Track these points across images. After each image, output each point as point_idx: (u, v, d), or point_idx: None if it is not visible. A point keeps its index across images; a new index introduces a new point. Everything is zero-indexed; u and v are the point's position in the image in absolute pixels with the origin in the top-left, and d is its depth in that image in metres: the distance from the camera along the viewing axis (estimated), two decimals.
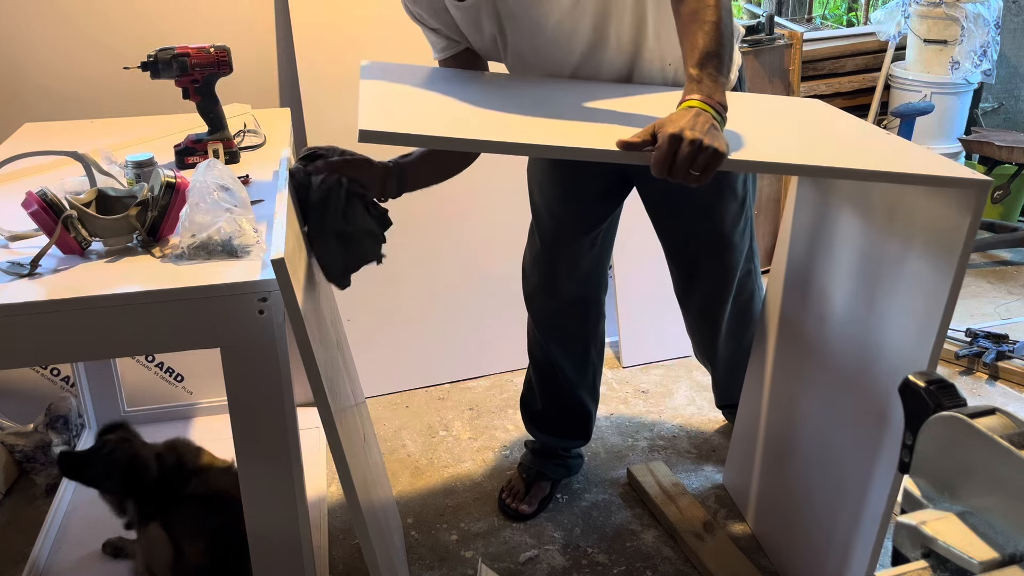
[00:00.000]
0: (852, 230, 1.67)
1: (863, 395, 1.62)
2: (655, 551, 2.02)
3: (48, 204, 1.26)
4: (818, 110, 1.79)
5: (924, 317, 1.44)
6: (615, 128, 1.35)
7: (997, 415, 0.74)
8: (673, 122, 1.26)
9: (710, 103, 1.29)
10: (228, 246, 1.27)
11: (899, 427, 1.49)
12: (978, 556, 0.70)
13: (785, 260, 1.90)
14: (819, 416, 1.78)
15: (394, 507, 2.10)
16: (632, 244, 2.77)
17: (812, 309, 1.80)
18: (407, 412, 2.59)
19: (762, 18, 3.28)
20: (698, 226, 1.89)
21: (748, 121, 1.55)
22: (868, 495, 1.60)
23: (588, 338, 2.09)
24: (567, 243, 1.95)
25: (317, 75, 2.39)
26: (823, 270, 1.77)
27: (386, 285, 2.58)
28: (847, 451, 1.67)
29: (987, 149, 3.36)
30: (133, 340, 1.24)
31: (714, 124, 1.27)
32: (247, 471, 1.29)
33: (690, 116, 1.26)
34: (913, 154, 1.51)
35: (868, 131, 1.66)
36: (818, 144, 1.57)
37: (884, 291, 1.57)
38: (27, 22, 2.24)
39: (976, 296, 3.28)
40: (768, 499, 2.01)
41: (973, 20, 3.47)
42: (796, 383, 1.88)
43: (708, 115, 1.27)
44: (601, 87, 1.65)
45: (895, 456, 1.50)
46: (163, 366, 2.52)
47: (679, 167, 1.25)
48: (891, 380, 1.54)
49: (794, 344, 1.89)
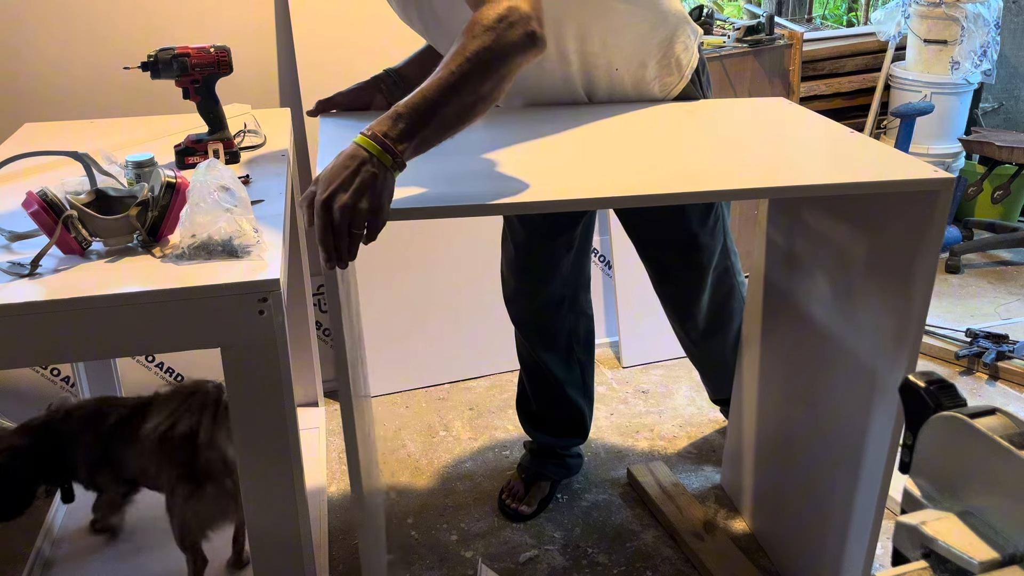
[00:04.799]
0: (826, 228, 1.69)
1: (848, 392, 1.64)
2: (655, 551, 2.02)
3: (48, 204, 1.26)
4: (782, 111, 1.80)
5: (901, 315, 1.46)
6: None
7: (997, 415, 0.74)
8: (322, 184, 1.17)
9: (378, 141, 1.18)
10: (228, 246, 1.27)
11: (884, 421, 1.51)
12: (978, 556, 0.70)
13: (763, 260, 1.92)
14: (808, 414, 1.79)
15: (381, 505, 2.11)
16: (632, 245, 2.78)
17: (793, 309, 1.81)
18: (407, 412, 2.59)
19: (762, 18, 3.28)
20: (666, 229, 1.89)
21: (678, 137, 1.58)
22: (858, 493, 1.61)
23: (570, 336, 2.09)
24: (540, 247, 1.95)
25: (317, 75, 2.39)
26: (801, 271, 1.79)
27: (386, 286, 2.58)
28: (837, 449, 1.68)
29: (987, 149, 3.36)
30: (133, 340, 1.23)
31: (374, 174, 1.17)
32: (247, 471, 1.30)
33: (344, 175, 1.16)
34: (872, 157, 1.52)
35: (831, 134, 1.65)
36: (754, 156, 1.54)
37: (861, 290, 1.59)
38: (27, 22, 2.24)
39: (976, 296, 3.28)
40: (764, 498, 2.02)
41: (973, 20, 3.47)
42: (783, 383, 1.89)
43: (368, 160, 1.17)
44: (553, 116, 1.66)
45: (883, 452, 1.52)
46: (163, 366, 2.52)
47: (340, 238, 1.16)
48: (872, 376, 1.55)
49: (779, 345, 1.90)
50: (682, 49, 1.72)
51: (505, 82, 1.25)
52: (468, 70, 1.21)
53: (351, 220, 1.16)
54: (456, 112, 1.22)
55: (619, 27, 1.62)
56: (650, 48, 1.68)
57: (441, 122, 1.21)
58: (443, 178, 1.37)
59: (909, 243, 1.43)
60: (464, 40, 1.22)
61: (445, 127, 1.22)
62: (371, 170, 1.17)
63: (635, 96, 1.74)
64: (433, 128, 1.21)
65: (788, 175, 1.42)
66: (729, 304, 2.06)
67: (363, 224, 1.17)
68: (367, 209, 1.16)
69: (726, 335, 2.10)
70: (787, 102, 1.86)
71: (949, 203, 1.36)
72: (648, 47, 1.68)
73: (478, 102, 1.23)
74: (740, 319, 2.06)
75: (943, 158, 3.70)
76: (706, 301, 2.01)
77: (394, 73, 1.74)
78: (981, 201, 3.78)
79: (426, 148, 1.23)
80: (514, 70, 1.25)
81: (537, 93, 1.71)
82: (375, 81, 1.73)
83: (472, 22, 1.24)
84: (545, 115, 1.69)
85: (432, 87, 1.20)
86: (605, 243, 2.84)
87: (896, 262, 1.47)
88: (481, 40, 1.21)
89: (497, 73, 1.23)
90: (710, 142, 1.59)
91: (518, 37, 1.23)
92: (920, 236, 1.41)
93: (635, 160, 1.48)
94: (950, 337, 2.87)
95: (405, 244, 2.58)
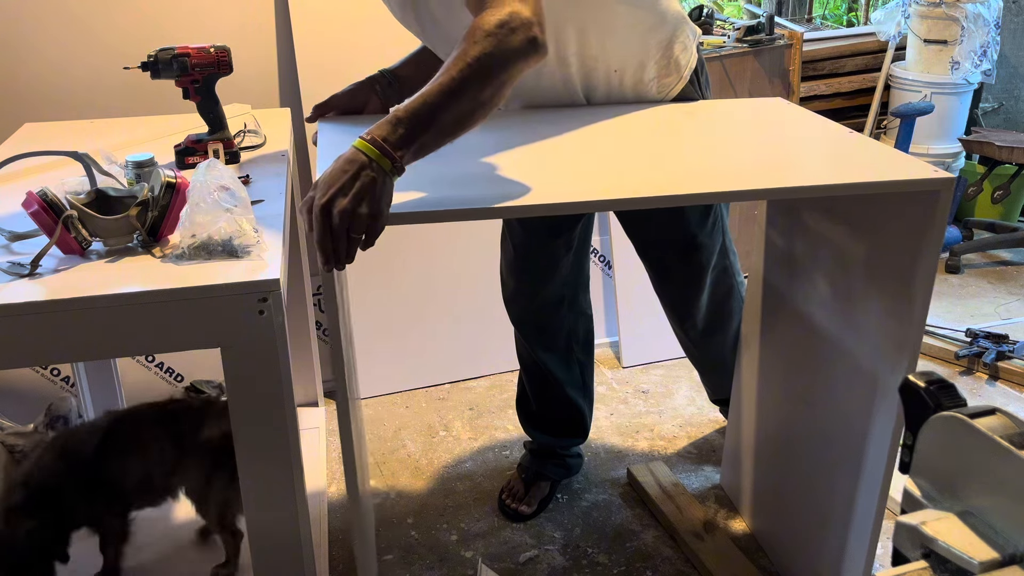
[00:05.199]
0: (825, 229, 1.69)
1: (848, 392, 1.64)
2: (655, 551, 2.02)
3: (48, 204, 1.26)
4: (780, 112, 1.80)
5: (901, 316, 1.46)
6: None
7: (997, 415, 0.74)
8: (321, 188, 1.17)
9: (377, 146, 1.17)
10: (228, 246, 1.27)
11: (884, 422, 1.51)
12: (978, 556, 0.70)
13: (762, 261, 1.92)
14: (807, 414, 1.79)
15: (371, 507, 2.11)
16: (631, 244, 2.78)
17: (793, 309, 1.81)
18: (407, 412, 2.59)
19: (762, 18, 3.28)
20: (665, 229, 1.89)
21: (673, 139, 1.58)
22: (859, 493, 1.62)
23: (569, 336, 2.09)
24: (539, 248, 1.95)
25: (317, 75, 2.39)
26: (801, 271, 1.79)
27: (386, 285, 2.58)
28: (837, 449, 1.68)
29: (987, 149, 3.36)
30: (133, 340, 1.24)
31: (373, 178, 1.16)
32: (247, 471, 1.30)
33: (344, 179, 1.16)
34: (871, 157, 1.52)
35: (830, 135, 1.65)
36: (753, 157, 1.54)
37: (861, 290, 1.59)
38: (27, 22, 2.24)
39: (976, 296, 3.28)
40: (764, 498, 2.02)
41: (973, 20, 3.47)
42: (783, 383, 1.89)
43: (367, 165, 1.17)
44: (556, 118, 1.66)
45: (884, 453, 1.52)
46: (163, 366, 2.52)
47: (339, 242, 1.16)
48: (873, 377, 1.55)
49: (778, 345, 1.89)
50: (681, 50, 1.72)
51: (506, 88, 1.25)
52: (469, 76, 1.20)
53: (350, 224, 1.16)
54: (456, 118, 1.22)
55: (619, 29, 1.62)
56: (649, 49, 1.68)
57: (440, 128, 1.21)
58: (443, 181, 1.36)
59: (909, 243, 1.43)
60: (465, 46, 1.22)
61: (444, 133, 1.22)
62: (370, 174, 1.17)
63: (633, 97, 1.74)
64: (432, 134, 1.21)
65: (786, 176, 1.42)
66: (728, 304, 2.06)
67: (362, 229, 1.17)
68: (367, 214, 1.16)
69: (725, 335, 2.10)
70: (786, 102, 1.86)
71: (949, 203, 1.36)
72: (647, 48, 1.68)
73: (478, 108, 1.23)
74: (739, 318, 2.06)
75: (943, 158, 3.70)
76: (705, 300, 2.01)
77: (389, 74, 1.74)
78: (981, 201, 3.78)
79: (425, 153, 1.23)
80: (515, 76, 1.25)
81: (535, 96, 1.71)
82: (370, 82, 1.73)
83: (473, 27, 1.24)
84: (544, 117, 1.69)
85: (432, 92, 1.20)
86: (605, 243, 2.84)
87: (896, 262, 1.47)
88: (482, 46, 1.21)
89: (498, 79, 1.23)
90: (709, 143, 1.59)
91: (520, 43, 1.23)
92: (920, 236, 1.41)
93: (635, 162, 1.48)
94: (950, 337, 2.87)
95: (405, 244, 2.58)
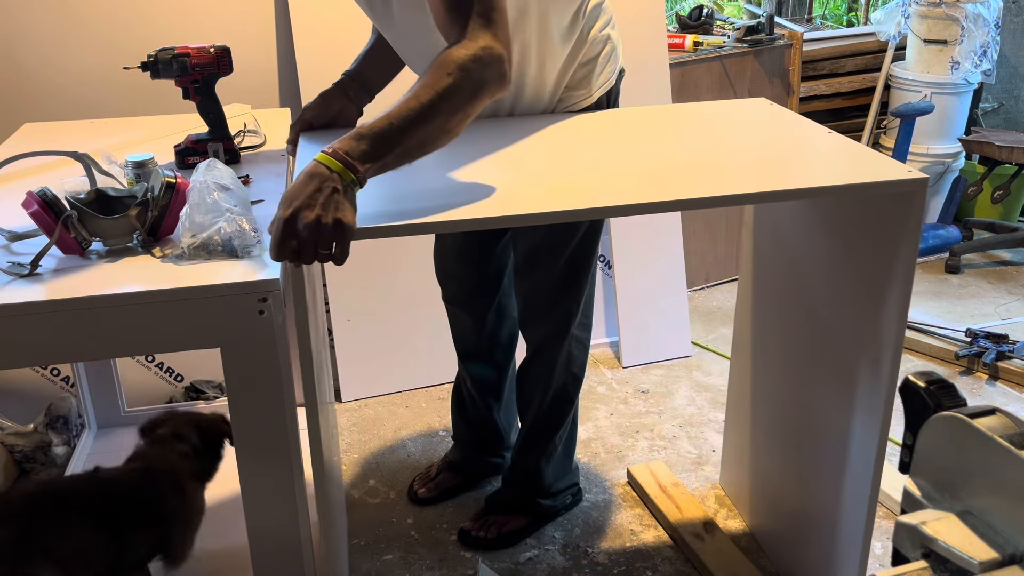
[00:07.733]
0: (807, 229, 1.70)
1: (834, 392, 1.65)
2: (655, 551, 2.02)
3: (48, 204, 1.26)
4: (758, 113, 1.80)
5: (882, 315, 1.47)
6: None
7: (997, 415, 0.74)
8: (284, 203, 1.17)
9: (339, 158, 1.19)
10: (228, 246, 1.27)
11: (869, 421, 1.51)
12: (978, 556, 0.70)
13: (751, 263, 1.93)
14: (800, 415, 1.80)
15: (343, 506, 2.09)
16: (632, 245, 2.78)
17: (782, 310, 1.83)
18: (407, 412, 2.59)
19: (762, 18, 3.28)
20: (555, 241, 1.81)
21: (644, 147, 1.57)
22: (846, 494, 1.62)
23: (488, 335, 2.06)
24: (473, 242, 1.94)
25: (317, 75, 2.39)
26: (786, 272, 1.80)
27: (386, 285, 2.58)
28: (827, 449, 1.68)
29: (987, 149, 3.36)
30: (133, 340, 1.24)
31: (336, 189, 1.17)
32: (247, 471, 1.30)
33: (308, 191, 1.16)
34: (847, 158, 1.52)
35: (807, 135, 1.64)
36: (726, 161, 1.52)
37: (844, 289, 1.60)
38: (28, 22, 2.24)
39: (976, 296, 3.28)
40: (764, 498, 2.02)
41: (973, 20, 3.47)
42: (776, 384, 1.89)
43: (329, 176, 1.17)
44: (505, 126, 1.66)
45: (872, 452, 1.53)
46: (163, 366, 2.52)
47: (306, 255, 1.17)
48: (855, 376, 1.57)
49: (770, 346, 1.90)
50: (601, 72, 1.72)
51: (470, 118, 1.29)
52: (437, 104, 1.23)
53: (317, 237, 1.16)
54: (420, 142, 1.25)
55: (557, 48, 1.62)
56: (573, 66, 1.68)
57: (404, 151, 1.24)
58: (399, 195, 1.36)
59: (887, 243, 1.44)
60: (436, 75, 1.24)
61: (407, 155, 1.25)
62: (334, 186, 1.18)
63: (544, 107, 1.72)
64: (396, 155, 1.24)
65: (757, 181, 1.40)
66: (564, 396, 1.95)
67: (330, 241, 1.17)
68: (331, 224, 1.16)
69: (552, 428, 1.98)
70: (767, 102, 1.85)
71: (924, 203, 1.37)
72: (572, 68, 1.68)
73: (442, 135, 1.27)
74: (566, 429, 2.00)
75: (943, 158, 3.70)
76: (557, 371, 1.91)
77: (355, 74, 1.71)
78: (981, 201, 3.78)
79: (386, 170, 1.25)
80: (480, 107, 1.29)
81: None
82: (340, 87, 1.70)
83: (447, 58, 1.26)
84: (495, 128, 1.66)
85: (399, 116, 1.22)
86: (605, 243, 2.83)
87: (875, 262, 1.48)
88: (455, 78, 1.24)
89: (464, 111, 1.26)
90: (685, 148, 1.59)
91: (490, 78, 1.27)
92: (898, 236, 1.42)
93: (598, 169, 1.46)
94: (950, 337, 2.87)
95: (403, 243, 2.57)
